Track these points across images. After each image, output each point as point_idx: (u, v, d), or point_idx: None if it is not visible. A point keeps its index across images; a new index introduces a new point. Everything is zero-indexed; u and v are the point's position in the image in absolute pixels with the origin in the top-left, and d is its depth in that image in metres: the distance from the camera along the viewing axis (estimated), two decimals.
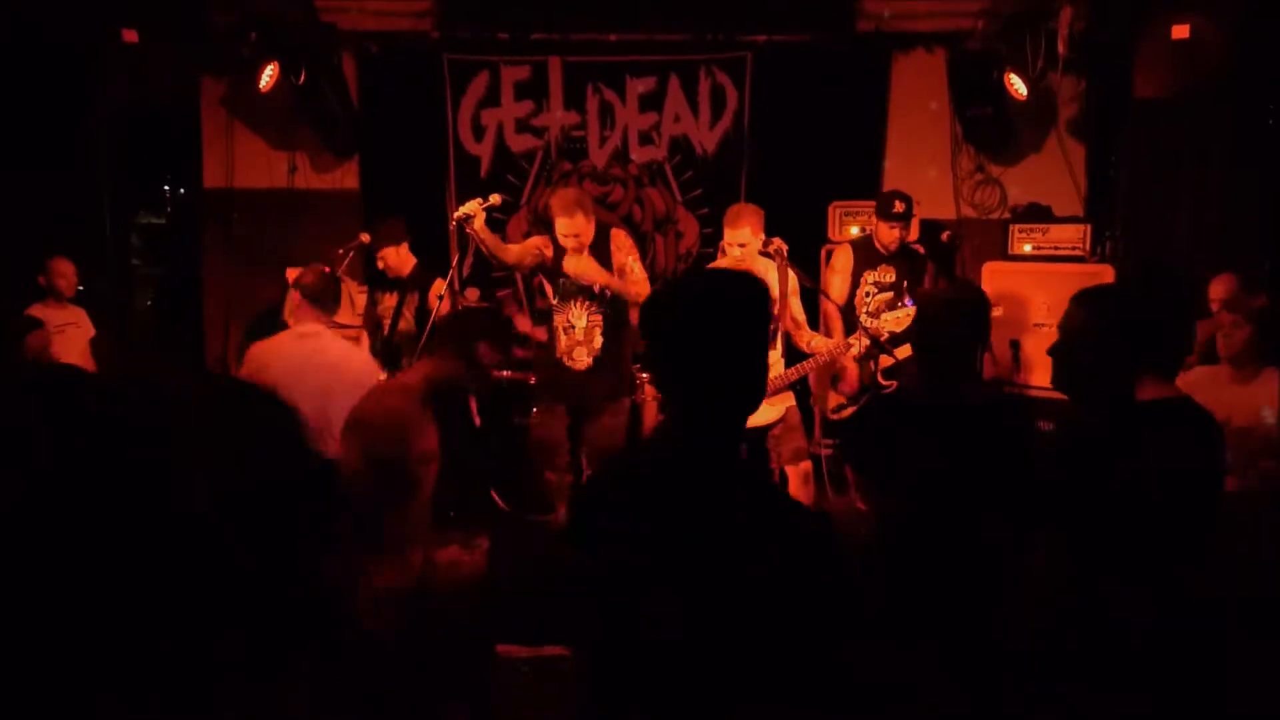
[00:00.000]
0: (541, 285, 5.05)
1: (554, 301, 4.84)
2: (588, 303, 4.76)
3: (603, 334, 4.79)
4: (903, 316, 4.75)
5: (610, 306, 4.77)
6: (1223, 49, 5.67)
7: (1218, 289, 5.03)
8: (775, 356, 4.69)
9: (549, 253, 4.75)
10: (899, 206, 5.02)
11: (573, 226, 4.54)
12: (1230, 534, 2.38)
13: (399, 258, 5.45)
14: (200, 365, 6.51)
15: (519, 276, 6.41)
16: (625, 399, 5.00)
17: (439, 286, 5.19)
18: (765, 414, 4.70)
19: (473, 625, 3.64)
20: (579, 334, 4.79)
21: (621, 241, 4.81)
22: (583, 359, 4.80)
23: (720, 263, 4.79)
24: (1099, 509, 2.09)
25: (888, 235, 5.10)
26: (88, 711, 0.80)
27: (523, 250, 4.79)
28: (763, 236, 4.64)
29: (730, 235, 4.65)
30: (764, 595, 1.45)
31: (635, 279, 4.75)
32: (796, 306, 4.81)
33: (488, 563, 4.73)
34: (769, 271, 4.64)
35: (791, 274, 4.69)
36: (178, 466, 0.83)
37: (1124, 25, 6.00)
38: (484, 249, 4.56)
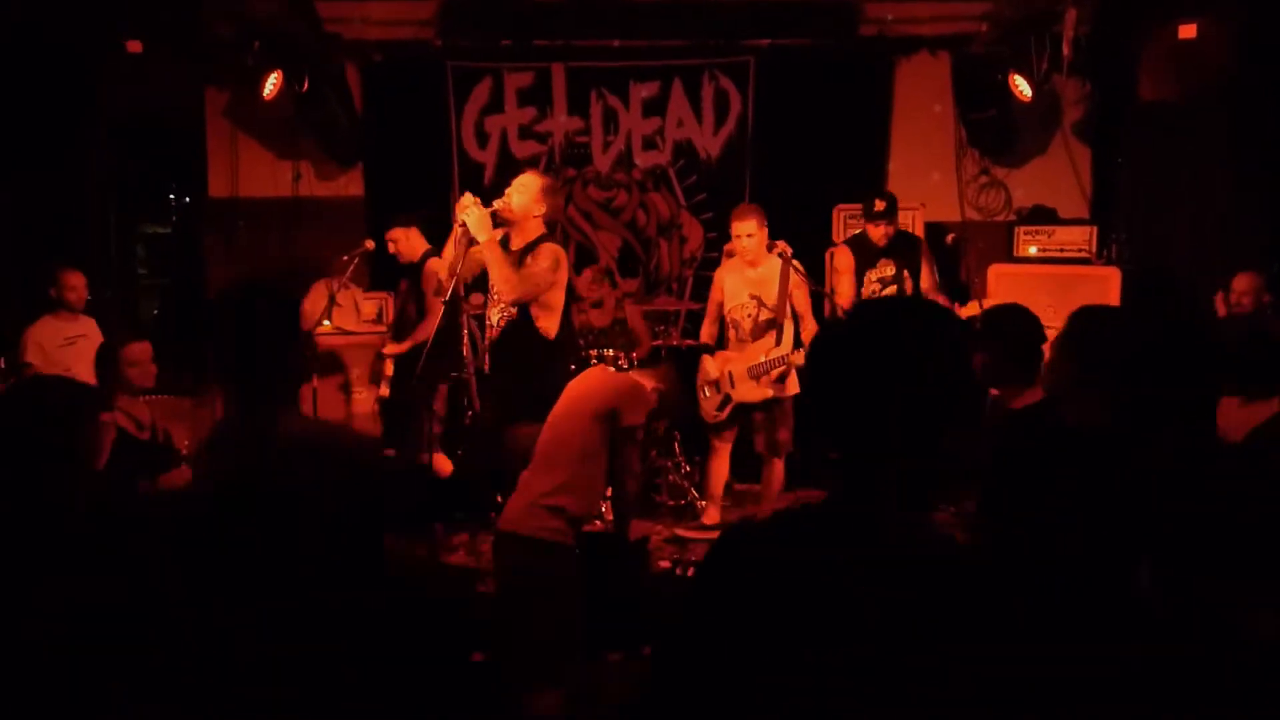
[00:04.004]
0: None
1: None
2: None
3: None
4: None
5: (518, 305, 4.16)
6: (1227, 52, 5.64)
7: (1241, 284, 5.13)
8: (771, 343, 4.89)
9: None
10: (879, 205, 5.26)
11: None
12: None
13: (409, 242, 5.42)
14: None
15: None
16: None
17: (433, 264, 5.18)
18: (753, 392, 4.84)
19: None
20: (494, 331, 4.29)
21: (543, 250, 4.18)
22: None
23: (727, 261, 5.04)
24: None
25: (875, 233, 5.33)
26: None
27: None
28: (766, 233, 4.90)
29: (738, 228, 4.89)
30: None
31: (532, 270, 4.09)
32: (800, 299, 4.95)
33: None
34: (774, 267, 4.85)
35: (794, 271, 4.87)
36: None
37: (1129, 28, 5.98)
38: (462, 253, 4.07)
